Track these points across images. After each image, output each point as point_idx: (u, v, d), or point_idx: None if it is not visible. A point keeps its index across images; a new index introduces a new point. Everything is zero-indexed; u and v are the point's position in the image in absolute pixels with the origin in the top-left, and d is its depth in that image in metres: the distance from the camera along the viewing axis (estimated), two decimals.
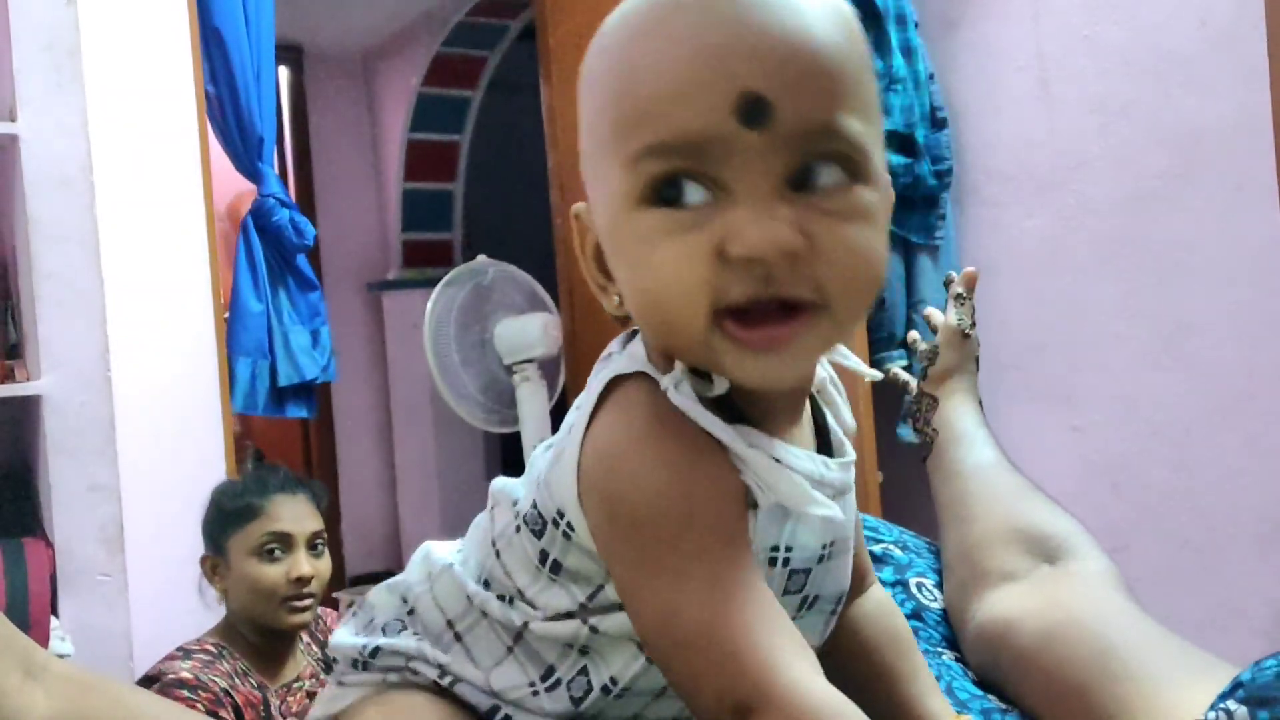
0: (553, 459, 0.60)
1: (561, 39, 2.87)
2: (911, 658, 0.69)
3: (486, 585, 0.64)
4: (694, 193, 0.52)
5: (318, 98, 4.49)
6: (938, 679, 0.73)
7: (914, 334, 1.21)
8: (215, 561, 1.78)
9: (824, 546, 0.61)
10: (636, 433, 0.56)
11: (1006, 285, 2.41)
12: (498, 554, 0.63)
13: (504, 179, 4.62)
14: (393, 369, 4.54)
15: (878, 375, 0.70)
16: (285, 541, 1.72)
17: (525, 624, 0.62)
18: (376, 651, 0.67)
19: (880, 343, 2.43)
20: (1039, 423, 2.31)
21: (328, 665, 1.82)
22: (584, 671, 0.61)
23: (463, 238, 4.62)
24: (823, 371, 0.65)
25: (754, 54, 0.51)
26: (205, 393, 2.22)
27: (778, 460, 0.56)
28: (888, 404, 2.41)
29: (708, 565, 0.52)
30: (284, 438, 4.12)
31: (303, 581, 1.70)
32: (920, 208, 2.47)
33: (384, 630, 0.68)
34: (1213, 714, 0.51)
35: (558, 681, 0.61)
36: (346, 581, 4.13)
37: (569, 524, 0.58)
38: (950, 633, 0.87)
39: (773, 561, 0.59)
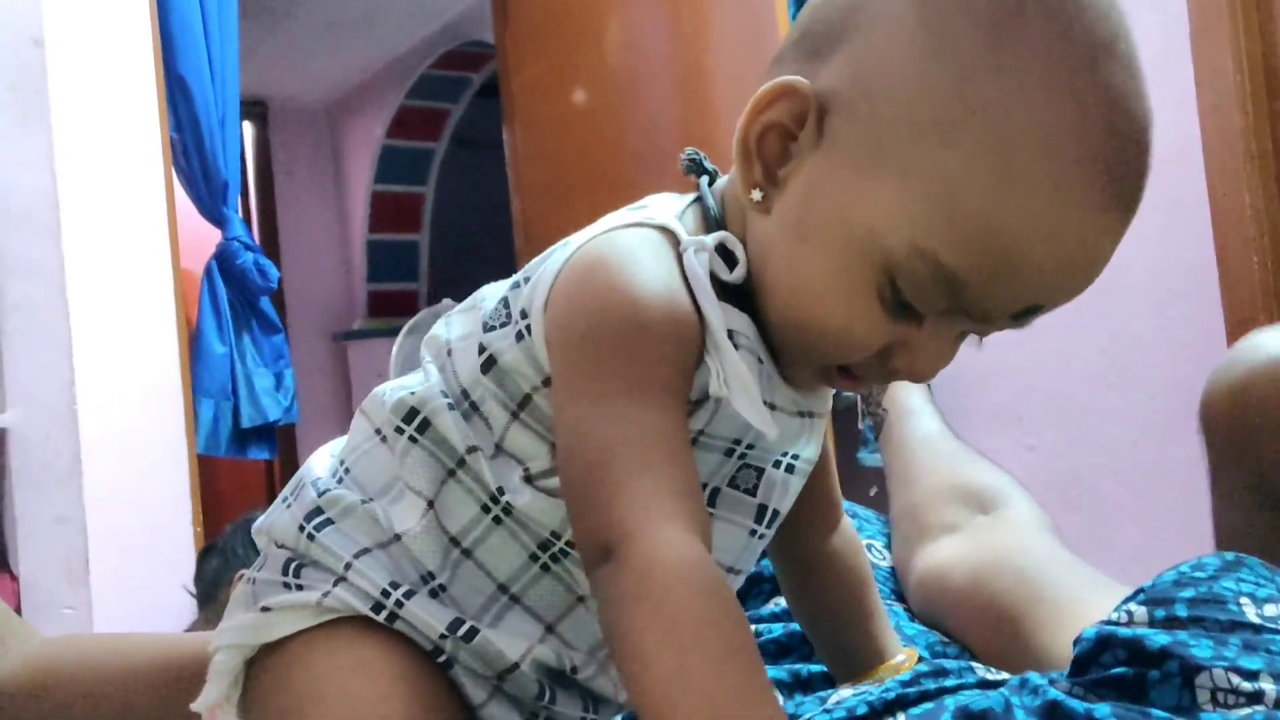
0: (539, 260, 0.59)
1: (524, 84, 2.93)
2: (872, 596, 0.73)
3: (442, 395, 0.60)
4: (909, 308, 0.53)
5: (283, 151, 4.55)
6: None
7: None
8: None
9: (784, 454, 0.61)
10: (630, 257, 0.54)
11: None
12: (450, 353, 0.61)
13: (469, 230, 4.68)
14: None
15: None
16: None
17: (471, 448, 0.58)
18: (318, 514, 0.60)
19: None
20: (993, 444, 2.35)
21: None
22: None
23: (428, 288, 4.66)
24: None
25: (1070, 276, 0.53)
26: (171, 425, 2.23)
27: (760, 360, 0.57)
28: (846, 431, 2.45)
29: (629, 402, 0.51)
30: (249, 484, 4.09)
31: None
32: None
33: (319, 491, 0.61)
34: (1116, 614, 0.56)
35: (508, 506, 0.58)
36: None
37: (527, 326, 0.56)
38: (897, 586, 0.92)
39: (730, 452, 0.58)
